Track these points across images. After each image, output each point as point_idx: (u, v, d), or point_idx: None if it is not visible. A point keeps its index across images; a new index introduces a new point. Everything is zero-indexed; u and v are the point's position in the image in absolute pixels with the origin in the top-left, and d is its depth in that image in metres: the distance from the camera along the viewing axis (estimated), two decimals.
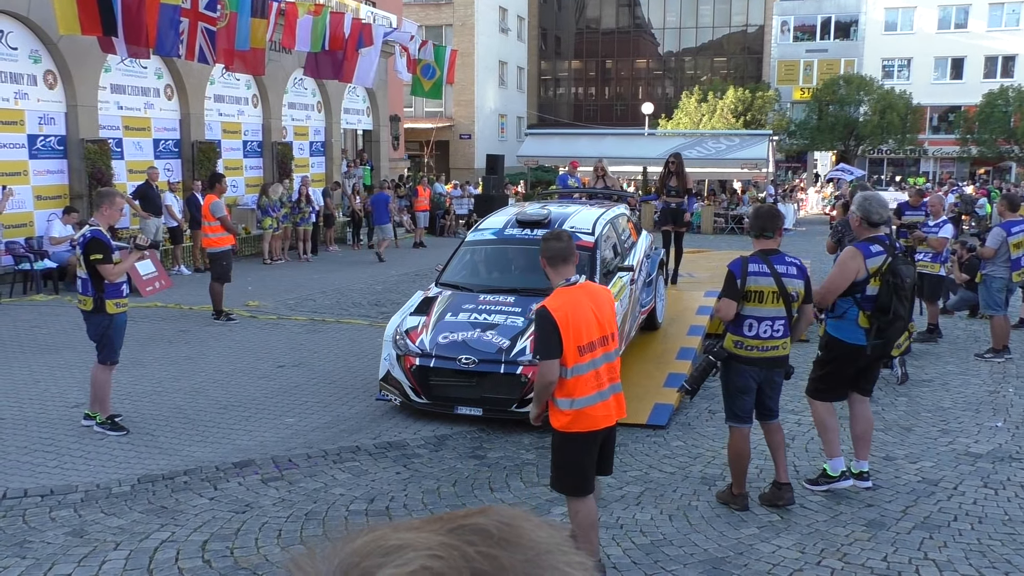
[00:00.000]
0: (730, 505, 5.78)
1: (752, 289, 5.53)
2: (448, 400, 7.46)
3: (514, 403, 7.22)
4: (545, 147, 31.09)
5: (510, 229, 8.62)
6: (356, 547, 0.60)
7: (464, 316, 7.70)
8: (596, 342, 4.48)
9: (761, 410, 5.79)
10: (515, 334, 7.40)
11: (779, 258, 5.63)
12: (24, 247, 14.18)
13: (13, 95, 14.58)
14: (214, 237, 11.78)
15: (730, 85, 46.31)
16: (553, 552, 0.62)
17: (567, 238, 4.72)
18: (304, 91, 22.71)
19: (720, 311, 5.61)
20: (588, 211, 9.06)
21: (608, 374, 4.56)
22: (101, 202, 7.20)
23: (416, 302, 8.24)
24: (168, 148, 18.17)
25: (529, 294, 7.75)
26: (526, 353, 7.16)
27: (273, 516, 5.65)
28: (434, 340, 7.53)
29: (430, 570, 0.56)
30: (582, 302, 4.48)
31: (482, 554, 0.59)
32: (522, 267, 8.51)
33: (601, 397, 4.52)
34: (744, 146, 28.77)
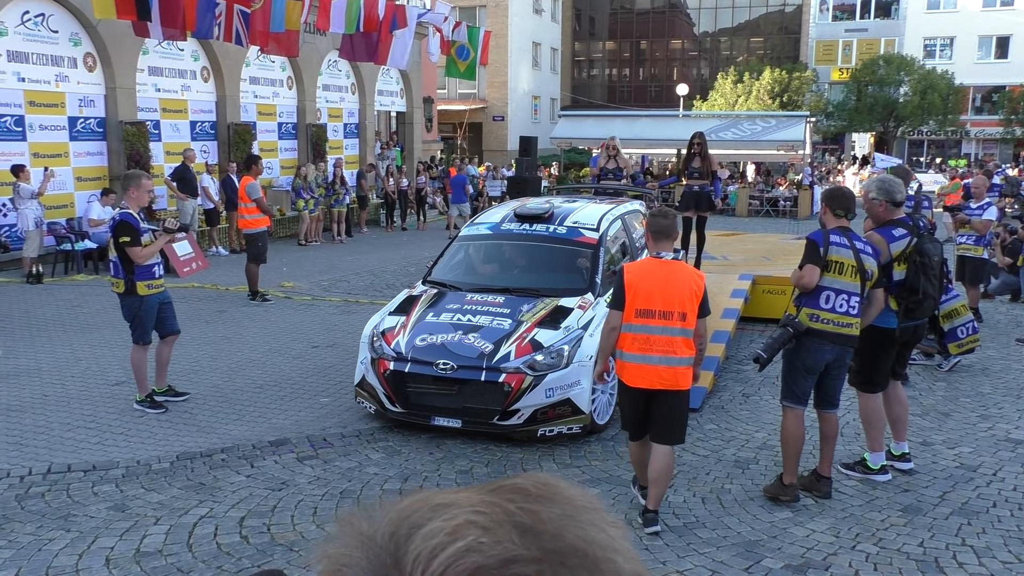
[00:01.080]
0: (780, 498, 5.56)
1: (833, 259, 5.39)
2: (425, 409, 6.76)
3: (496, 415, 6.53)
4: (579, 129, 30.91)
5: (507, 224, 8.03)
6: (404, 506, 0.63)
7: (447, 317, 7.02)
8: (656, 312, 5.08)
9: (821, 396, 5.63)
10: (500, 337, 6.70)
11: (855, 235, 5.55)
12: (65, 228, 14.44)
13: (54, 77, 14.81)
14: (250, 219, 11.92)
15: (767, 66, 45.65)
16: (588, 509, 0.65)
17: (672, 216, 5.53)
18: (338, 73, 22.79)
19: (803, 278, 5.39)
20: (596, 206, 8.50)
21: (663, 345, 5.07)
22: (129, 184, 7.28)
23: (399, 301, 7.57)
24: (204, 130, 18.36)
25: (522, 294, 7.25)
26: (510, 359, 6.54)
27: (309, 494, 5.72)
28: (411, 343, 6.82)
29: (474, 524, 0.59)
30: (657, 275, 5.15)
31: (522, 509, 0.61)
32: (517, 265, 7.98)
33: (645, 360, 5.10)
34: (780, 128, 28.39)
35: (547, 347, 6.63)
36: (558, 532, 0.61)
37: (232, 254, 16.31)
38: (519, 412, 6.50)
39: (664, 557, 4.90)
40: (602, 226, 7.93)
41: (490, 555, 0.57)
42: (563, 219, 7.92)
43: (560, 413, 6.56)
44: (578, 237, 7.74)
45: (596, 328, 6.71)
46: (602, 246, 7.73)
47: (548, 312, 6.96)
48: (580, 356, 6.66)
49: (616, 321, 5.19)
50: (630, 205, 9.21)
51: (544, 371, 6.54)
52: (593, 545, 0.61)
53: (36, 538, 5.03)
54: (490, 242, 8.19)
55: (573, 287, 7.37)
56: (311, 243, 18.33)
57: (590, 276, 7.47)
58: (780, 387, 5.71)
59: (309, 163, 19.48)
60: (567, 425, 6.60)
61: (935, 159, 45.14)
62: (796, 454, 5.56)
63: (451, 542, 0.58)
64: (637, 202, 9.86)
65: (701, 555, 4.91)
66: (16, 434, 6.67)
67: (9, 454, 6.23)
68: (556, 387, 6.54)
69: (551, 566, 0.58)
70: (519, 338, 6.68)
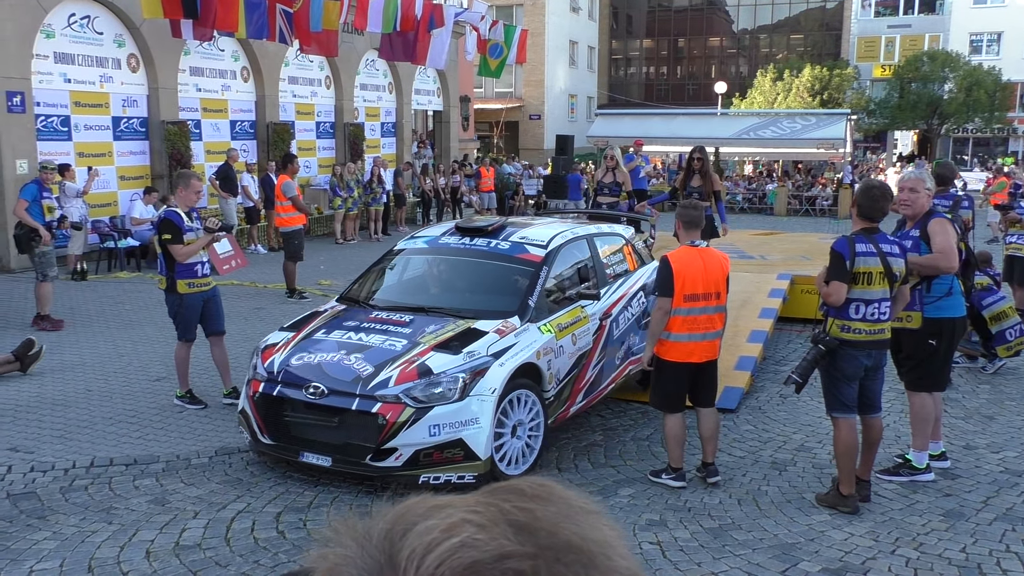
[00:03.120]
0: (839, 508, 5.43)
1: (860, 271, 5.27)
2: (295, 442, 5.80)
3: (369, 453, 5.49)
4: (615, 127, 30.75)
5: (446, 237, 7.12)
6: (400, 507, 0.64)
7: (338, 335, 6.10)
8: (700, 295, 5.66)
9: (863, 401, 5.53)
10: (384, 360, 5.70)
11: (882, 237, 5.42)
12: (109, 226, 14.71)
13: (99, 78, 15.08)
14: (286, 216, 12.10)
15: (807, 63, 45.06)
16: (585, 510, 0.65)
17: (701, 208, 6.08)
18: (376, 72, 22.93)
19: (831, 296, 5.29)
20: (556, 225, 7.56)
21: (706, 323, 5.69)
22: (178, 184, 7.43)
23: (300, 316, 6.81)
24: (244, 129, 18.58)
25: (438, 313, 6.32)
26: (389, 385, 5.52)
27: (344, 490, 5.77)
28: (286, 362, 5.91)
29: (469, 522, 0.60)
30: (696, 261, 5.71)
31: (517, 508, 0.62)
32: (445, 281, 7.12)
33: (691, 338, 5.67)
34: (820, 126, 27.99)
35: (437, 374, 5.57)
36: (553, 529, 0.61)
37: (270, 252, 16.48)
38: (396, 452, 5.44)
39: (699, 559, 4.86)
40: (553, 243, 6.81)
41: (485, 550, 0.58)
42: (510, 234, 6.92)
43: (449, 457, 5.50)
44: (521, 254, 6.70)
45: (513, 357, 5.81)
46: (547, 265, 6.61)
47: (455, 335, 5.93)
48: (481, 388, 5.60)
49: (668, 306, 5.65)
50: (604, 228, 8.01)
51: (430, 403, 5.50)
52: (588, 542, 0.62)
53: (79, 530, 5.13)
54: (423, 256, 7.27)
55: (499, 309, 6.29)
56: (348, 241, 18.47)
57: (523, 298, 6.35)
58: (824, 399, 5.60)
59: (347, 162, 19.64)
60: (456, 472, 5.53)
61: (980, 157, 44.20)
62: (853, 463, 5.45)
63: (445, 538, 0.59)
64: (621, 226, 8.53)
65: (737, 557, 4.87)
66: (60, 427, 6.81)
67: (54, 447, 6.37)
68: (444, 424, 5.49)
69: (546, 562, 0.58)
70: (406, 362, 5.64)
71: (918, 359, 5.84)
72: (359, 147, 21.48)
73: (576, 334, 6.53)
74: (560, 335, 6.34)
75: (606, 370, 6.98)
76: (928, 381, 5.86)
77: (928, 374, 5.85)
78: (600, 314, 6.89)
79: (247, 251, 15.00)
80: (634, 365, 7.36)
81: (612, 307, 7.11)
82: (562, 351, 6.32)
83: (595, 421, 7.23)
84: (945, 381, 6.00)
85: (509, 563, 0.57)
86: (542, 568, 0.58)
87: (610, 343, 7.00)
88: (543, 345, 6.13)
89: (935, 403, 6.03)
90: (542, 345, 6.12)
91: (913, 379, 5.89)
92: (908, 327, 5.76)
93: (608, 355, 6.98)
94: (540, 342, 6.13)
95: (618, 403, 7.65)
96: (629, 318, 7.33)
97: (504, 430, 5.79)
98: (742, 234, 16.99)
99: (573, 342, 6.48)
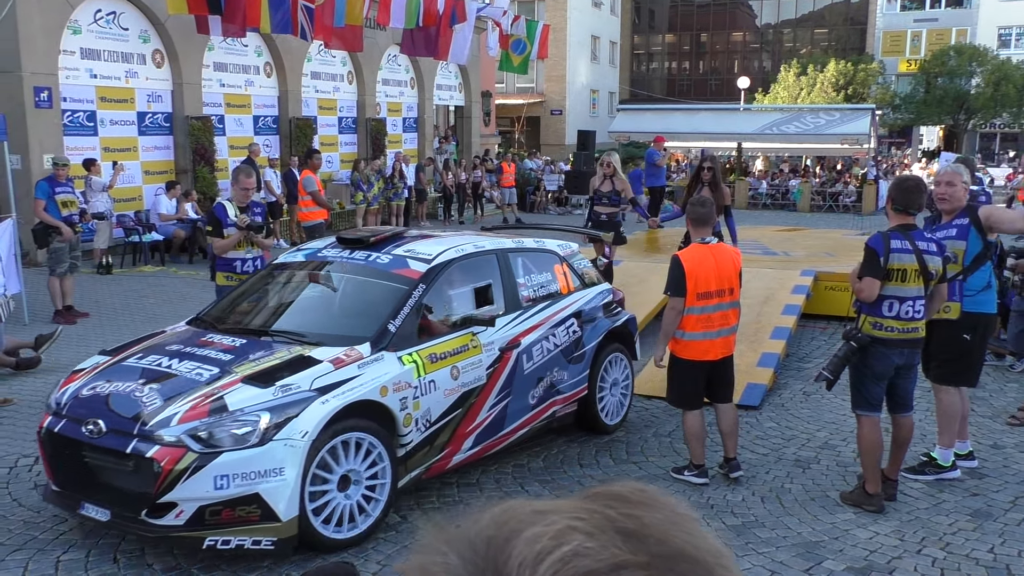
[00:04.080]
0: (864, 506, 5.38)
1: (895, 267, 5.18)
2: (76, 490, 4.80)
3: (145, 507, 4.46)
4: (637, 123, 30.64)
5: (328, 249, 6.18)
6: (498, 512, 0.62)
7: (151, 360, 5.12)
8: (713, 292, 5.61)
9: (894, 400, 5.46)
10: (179, 393, 4.69)
11: (919, 234, 5.32)
12: (133, 220, 14.84)
13: (124, 74, 15.21)
14: (307, 211, 12.26)
15: (831, 57, 44.66)
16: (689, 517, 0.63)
17: (709, 205, 5.89)
18: (398, 67, 22.97)
19: (863, 292, 5.22)
20: (461, 238, 6.45)
21: (721, 320, 5.65)
22: (232, 179, 7.82)
23: (138, 336, 5.91)
24: (267, 124, 18.68)
25: (281, 337, 5.34)
26: (171, 424, 4.48)
27: None
28: (76, 392, 4.95)
29: (576, 529, 0.57)
30: (708, 259, 5.66)
31: (624, 515, 0.60)
32: (302, 300, 6.15)
33: (707, 336, 5.64)
34: (845, 121, 27.73)
35: (232, 411, 4.53)
36: (663, 537, 0.59)
37: (292, 246, 16.54)
38: (177, 507, 4.40)
39: None
40: (440, 258, 5.77)
41: (599, 559, 0.56)
42: (397, 247, 5.94)
43: (242, 515, 4.43)
44: (399, 269, 5.70)
45: (344, 393, 4.77)
46: (424, 284, 5.56)
47: (279, 364, 4.90)
48: (291, 431, 4.52)
49: (680, 306, 5.61)
50: (529, 243, 6.72)
51: (218, 447, 4.43)
52: (702, 551, 0.60)
53: None
54: (295, 271, 6.26)
55: (350, 334, 5.25)
56: None
57: (384, 321, 5.29)
58: (851, 396, 5.53)
59: (369, 157, 19.70)
60: (251, 535, 4.45)
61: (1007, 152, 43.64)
62: (877, 462, 5.40)
63: (556, 546, 0.56)
64: (559, 243, 7.07)
65: (760, 555, 4.83)
66: None
67: None
68: (235, 474, 4.41)
69: (660, 571, 0.56)
70: (203, 396, 4.63)
71: (951, 353, 5.75)
72: (381, 142, 21.54)
73: (459, 367, 5.47)
74: (430, 368, 5.27)
75: (512, 411, 5.87)
76: (960, 376, 5.78)
77: (961, 369, 5.77)
78: (502, 344, 5.80)
79: None
80: (561, 405, 6.28)
81: (522, 336, 5.97)
82: (433, 387, 5.28)
83: None
84: (977, 377, 5.93)
85: (624, 573, 0.55)
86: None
87: (518, 379, 5.87)
88: (396, 379, 5.05)
89: (962, 400, 5.96)
90: (394, 379, 5.04)
91: (944, 373, 5.79)
92: (945, 318, 5.66)
93: (515, 393, 5.86)
94: (391, 375, 5.03)
95: (639, 400, 7.61)
96: (550, 350, 6.17)
97: (327, 486, 4.71)
98: (765, 230, 16.89)
99: (453, 376, 5.42)
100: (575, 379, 6.42)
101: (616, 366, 6.93)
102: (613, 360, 6.89)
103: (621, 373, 6.99)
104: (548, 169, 27.89)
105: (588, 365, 6.58)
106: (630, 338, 7.19)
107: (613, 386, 6.89)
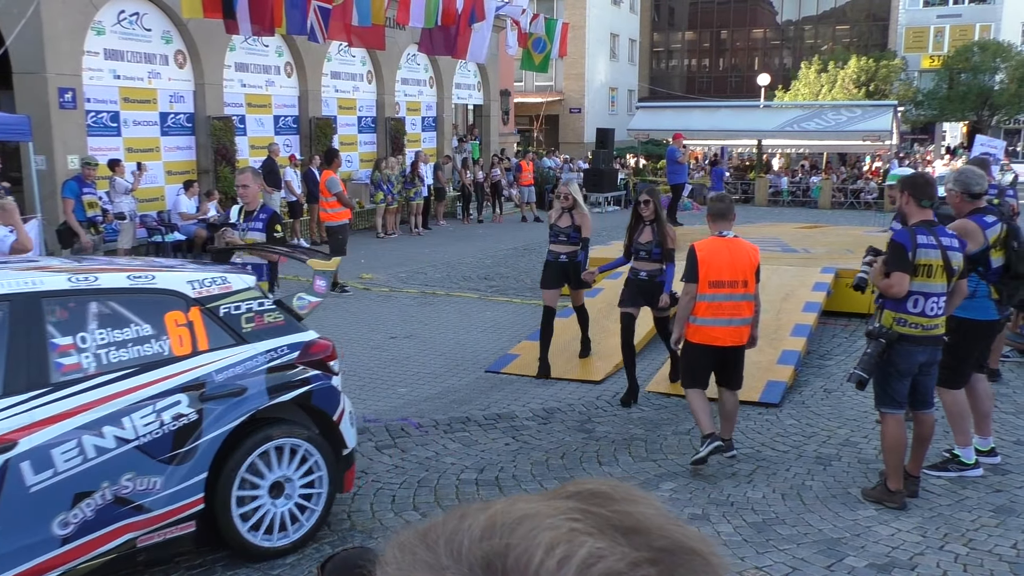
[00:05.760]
0: (885, 503, 5.37)
1: (922, 263, 5.18)
2: None
3: None
4: (656, 120, 30.57)
5: None
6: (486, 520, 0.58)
7: None
8: (725, 283, 5.86)
9: (916, 397, 5.44)
10: None
11: (941, 230, 5.32)
12: (156, 220, 14.97)
13: (147, 74, 15.35)
14: (332, 212, 12.28)
15: (852, 54, 44.33)
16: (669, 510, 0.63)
17: (729, 201, 6.20)
18: (417, 67, 23.04)
19: (892, 287, 5.19)
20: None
21: (731, 310, 5.88)
22: None
23: None
24: (287, 124, 18.79)
25: None
26: None
27: (387, 482, 5.83)
28: None
29: (576, 531, 0.56)
30: (722, 251, 5.93)
31: (616, 512, 0.59)
32: None
33: (717, 323, 5.88)
34: (866, 117, 27.55)
35: None
36: (661, 532, 0.59)
37: (313, 246, 16.65)
38: None
39: (743, 553, 4.83)
40: None
41: (619, 559, 0.54)
42: None
43: None
44: None
45: None
46: None
47: None
48: None
49: (693, 291, 5.90)
50: (119, 281, 4.51)
51: None
52: (697, 541, 0.60)
53: None
54: None
55: None
56: (389, 235, 18.60)
57: None
58: (875, 394, 5.51)
59: (388, 156, 19.77)
60: None
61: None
62: (901, 460, 5.39)
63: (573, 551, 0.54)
64: (204, 277, 4.79)
65: (781, 552, 4.83)
66: None
67: None
68: None
69: (667, 566, 0.56)
70: None
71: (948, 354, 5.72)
72: (400, 141, 21.61)
73: None
74: None
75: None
76: (943, 376, 5.69)
77: (945, 368, 5.63)
78: None
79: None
80: (144, 530, 4.26)
81: (29, 431, 3.97)
82: None
83: (635, 415, 7.21)
84: (959, 381, 5.76)
85: (641, 570, 0.55)
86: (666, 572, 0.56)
87: (12, 501, 3.89)
88: None
89: (982, 397, 5.94)
90: None
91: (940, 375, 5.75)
92: None
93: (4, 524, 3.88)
94: None
95: (658, 397, 7.62)
96: (105, 448, 4.15)
97: None
98: (785, 227, 16.81)
99: None
100: (177, 487, 4.37)
101: (286, 460, 4.79)
102: (279, 452, 4.76)
103: (296, 470, 4.83)
104: (567, 167, 27.86)
105: (208, 464, 4.48)
106: (324, 416, 5.03)
107: (277, 490, 4.79)
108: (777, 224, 18.76)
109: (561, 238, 8.28)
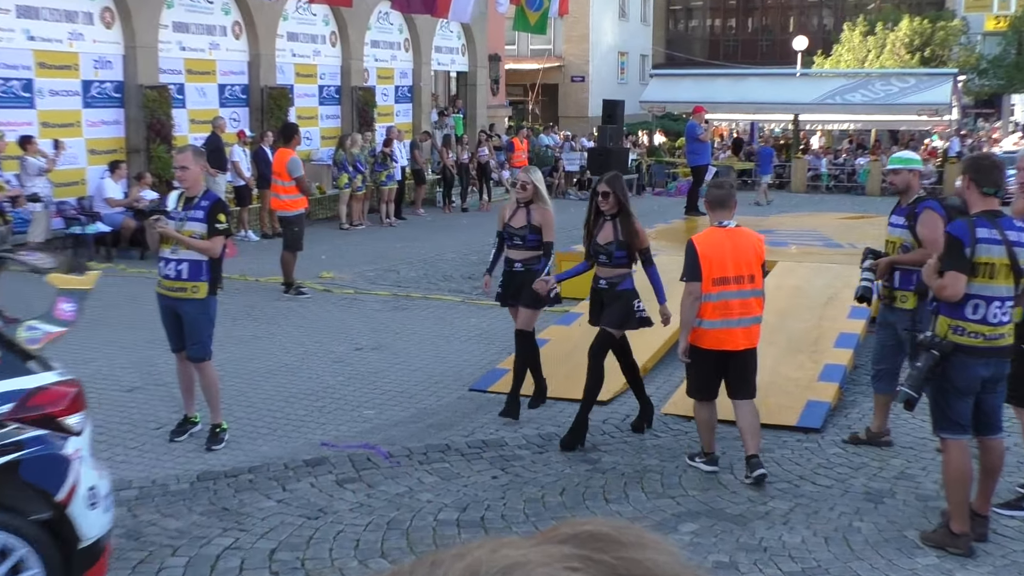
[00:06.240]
0: (948, 548, 5.30)
1: (983, 261, 5.12)
2: None
3: None
4: (673, 91, 30.60)
5: None
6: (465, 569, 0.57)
7: None
8: (730, 278, 6.06)
9: (980, 420, 5.37)
10: None
11: (1007, 221, 5.27)
12: (76, 208, 14.78)
13: (67, 36, 15.22)
14: (287, 199, 12.10)
15: (904, 14, 44.63)
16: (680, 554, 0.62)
17: (728, 186, 6.40)
18: (390, 27, 22.98)
19: (946, 290, 5.14)
20: None
21: (740, 308, 6.10)
22: None
23: None
24: (235, 94, 18.70)
25: None
26: None
27: (350, 523, 5.74)
28: None
29: None
30: (724, 243, 6.11)
31: (624, 559, 0.58)
32: None
33: (726, 324, 6.08)
34: (921, 88, 27.64)
35: None
36: None
37: (264, 239, 16.55)
38: None
39: None
40: None
41: None
42: None
43: None
44: None
45: None
46: None
47: None
48: None
49: (697, 291, 6.05)
50: None
51: None
52: None
53: None
54: None
55: None
56: (356, 227, 18.52)
57: None
58: (931, 417, 5.46)
59: (355, 132, 19.69)
60: None
61: None
62: (966, 496, 5.32)
63: None
64: None
65: None
66: None
67: None
68: None
69: None
70: None
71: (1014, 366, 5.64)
72: (369, 115, 21.55)
73: None
74: None
75: None
76: (1013, 392, 5.63)
77: (1015, 380, 5.56)
78: None
79: (237, 238, 15.04)
80: None
81: None
82: None
83: (649, 442, 7.14)
84: None
85: None
86: None
87: None
88: None
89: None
90: None
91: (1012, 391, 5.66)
92: None
93: None
94: None
95: (676, 420, 7.55)
96: None
97: None
98: (826, 218, 16.79)
99: None
100: None
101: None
102: None
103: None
104: (568, 146, 27.85)
105: None
106: (43, 495, 4.24)
107: None
108: (817, 214, 18.74)
109: (516, 241, 7.55)
